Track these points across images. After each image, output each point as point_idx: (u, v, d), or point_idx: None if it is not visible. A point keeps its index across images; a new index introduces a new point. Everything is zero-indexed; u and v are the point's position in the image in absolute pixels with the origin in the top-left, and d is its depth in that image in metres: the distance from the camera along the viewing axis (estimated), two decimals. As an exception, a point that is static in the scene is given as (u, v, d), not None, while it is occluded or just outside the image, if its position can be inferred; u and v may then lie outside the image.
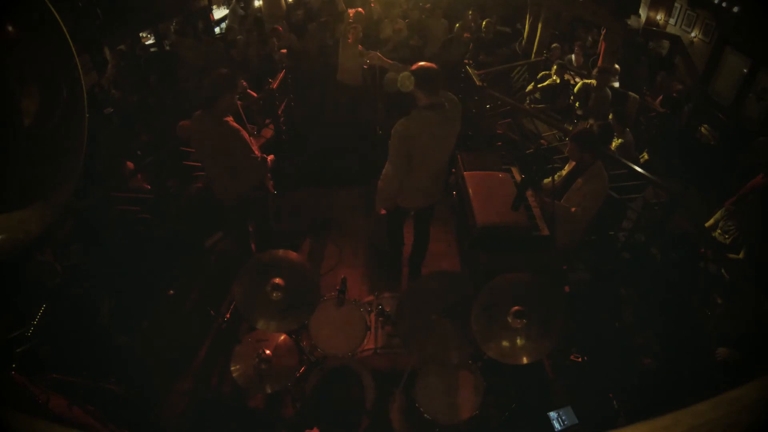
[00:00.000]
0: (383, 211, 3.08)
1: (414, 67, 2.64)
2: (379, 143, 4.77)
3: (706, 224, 3.79)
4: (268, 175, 3.21)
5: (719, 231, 3.71)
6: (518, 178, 3.35)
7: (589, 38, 7.56)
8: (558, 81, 5.80)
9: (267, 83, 4.62)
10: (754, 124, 5.82)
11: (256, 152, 2.95)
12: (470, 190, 3.15)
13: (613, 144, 4.46)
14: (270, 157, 3.15)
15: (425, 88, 2.61)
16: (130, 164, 4.17)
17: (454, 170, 3.66)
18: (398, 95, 2.91)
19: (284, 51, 5.12)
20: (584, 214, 3.03)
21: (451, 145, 2.88)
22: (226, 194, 3.13)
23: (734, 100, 6.17)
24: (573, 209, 3.02)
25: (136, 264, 3.56)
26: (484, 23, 6.91)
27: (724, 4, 6.09)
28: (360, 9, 6.17)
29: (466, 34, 6.91)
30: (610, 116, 4.59)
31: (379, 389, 2.43)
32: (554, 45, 6.61)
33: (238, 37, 7.06)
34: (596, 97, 5.21)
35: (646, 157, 4.80)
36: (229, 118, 2.83)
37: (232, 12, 9.05)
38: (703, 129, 6.35)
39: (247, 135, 2.89)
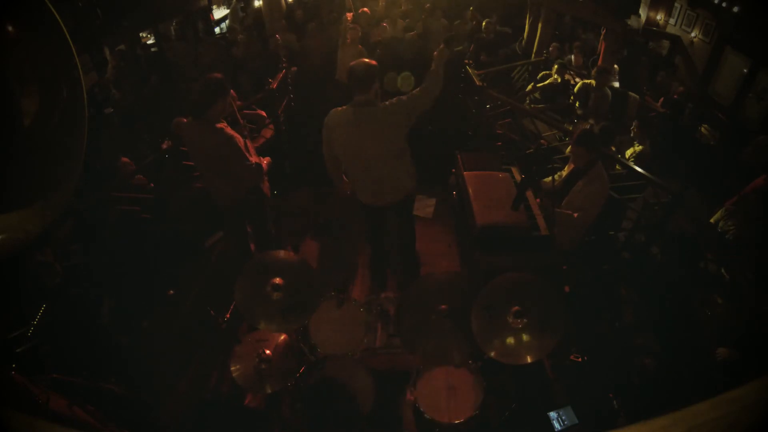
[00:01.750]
0: (346, 187, 3.10)
1: (352, 63, 2.64)
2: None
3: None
4: (265, 178, 3.19)
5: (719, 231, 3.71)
6: (518, 178, 3.35)
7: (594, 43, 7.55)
8: (559, 80, 5.80)
9: (267, 83, 4.62)
10: (754, 124, 5.82)
11: (252, 158, 2.90)
12: (470, 190, 3.16)
13: (632, 150, 4.44)
14: (266, 161, 3.11)
15: (356, 85, 2.60)
16: (130, 163, 4.16)
17: (453, 170, 3.66)
18: (397, 94, 2.91)
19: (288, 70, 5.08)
20: (586, 217, 3.02)
21: (384, 148, 2.73)
22: (221, 198, 3.12)
23: (734, 100, 6.16)
24: (576, 215, 3.00)
25: (136, 264, 3.56)
26: (484, 23, 6.91)
27: (724, 4, 6.08)
28: (365, 9, 6.18)
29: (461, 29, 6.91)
30: (635, 123, 4.53)
31: (379, 389, 2.43)
32: (554, 44, 6.61)
33: (239, 36, 7.07)
34: (596, 97, 5.20)
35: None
36: (223, 124, 2.76)
37: (233, 12, 9.06)
38: (703, 129, 6.34)
39: (241, 141, 2.83)
